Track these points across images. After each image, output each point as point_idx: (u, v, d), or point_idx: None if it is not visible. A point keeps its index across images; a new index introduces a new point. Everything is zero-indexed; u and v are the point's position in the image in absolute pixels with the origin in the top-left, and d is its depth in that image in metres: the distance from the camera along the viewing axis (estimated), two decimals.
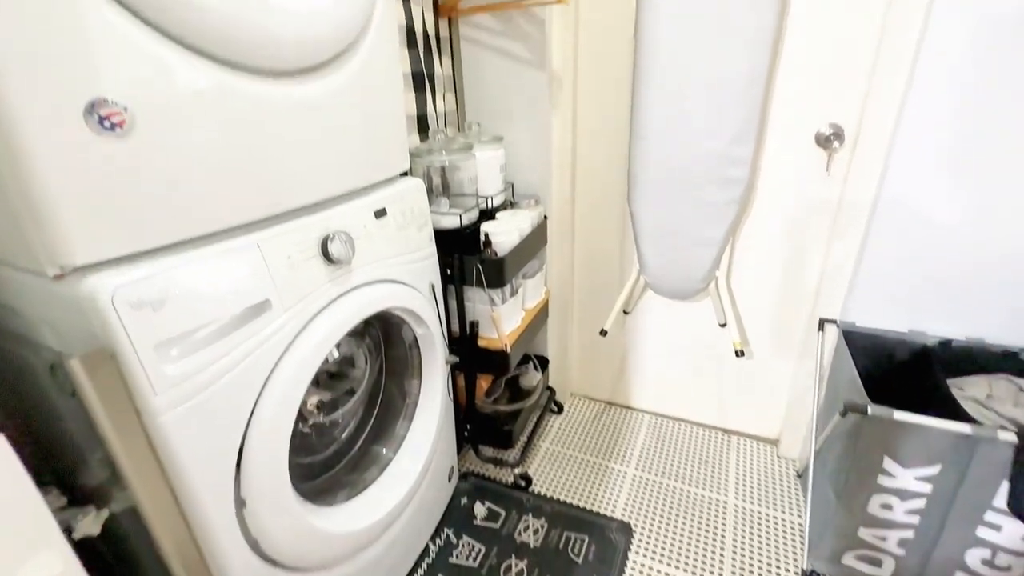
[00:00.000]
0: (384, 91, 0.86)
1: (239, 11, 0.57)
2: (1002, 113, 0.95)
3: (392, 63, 0.87)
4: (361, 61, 0.78)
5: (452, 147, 1.10)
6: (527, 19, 1.24)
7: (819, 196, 1.20)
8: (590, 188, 1.46)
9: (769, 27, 1.01)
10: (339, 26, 0.71)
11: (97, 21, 0.48)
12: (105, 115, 0.49)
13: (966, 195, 1.02)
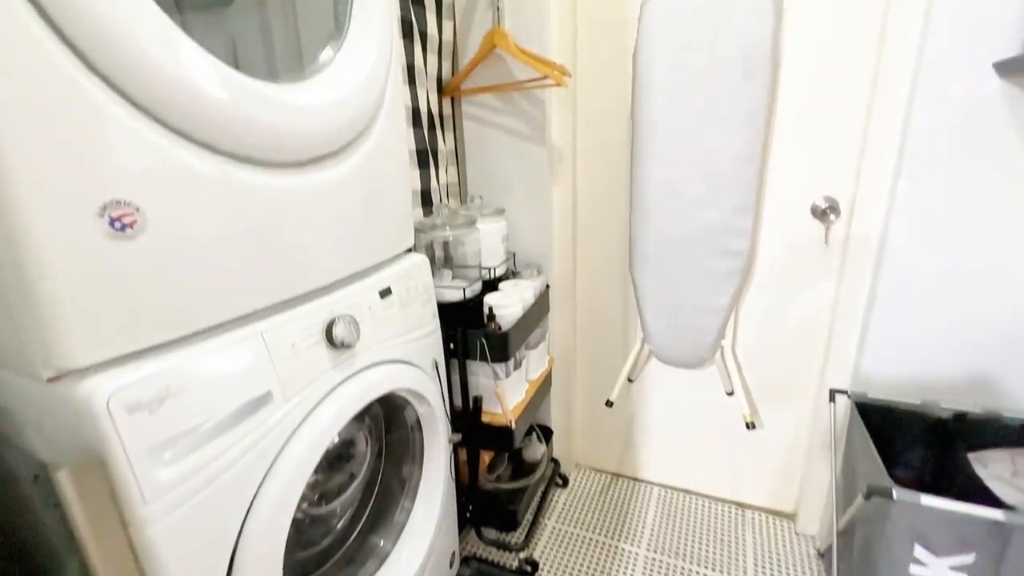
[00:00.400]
0: (392, 174, 0.88)
1: (252, 109, 0.59)
2: (995, 185, 0.98)
3: (400, 147, 0.89)
4: (370, 147, 0.80)
5: (456, 222, 1.11)
6: (527, 99, 1.30)
7: (820, 267, 1.21)
8: (591, 257, 1.47)
9: (761, 105, 1.06)
10: (352, 119, 0.73)
11: (113, 122, 0.48)
12: (117, 216, 0.49)
13: (968, 265, 1.03)
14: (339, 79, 0.71)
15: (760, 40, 1.00)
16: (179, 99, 0.52)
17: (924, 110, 0.98)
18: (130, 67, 0.48)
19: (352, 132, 0.74)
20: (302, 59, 0.82)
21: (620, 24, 1.24)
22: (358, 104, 0.73)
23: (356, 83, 0.72)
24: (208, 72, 0.53)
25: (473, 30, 1.31)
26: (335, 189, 0.74)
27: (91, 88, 0.46)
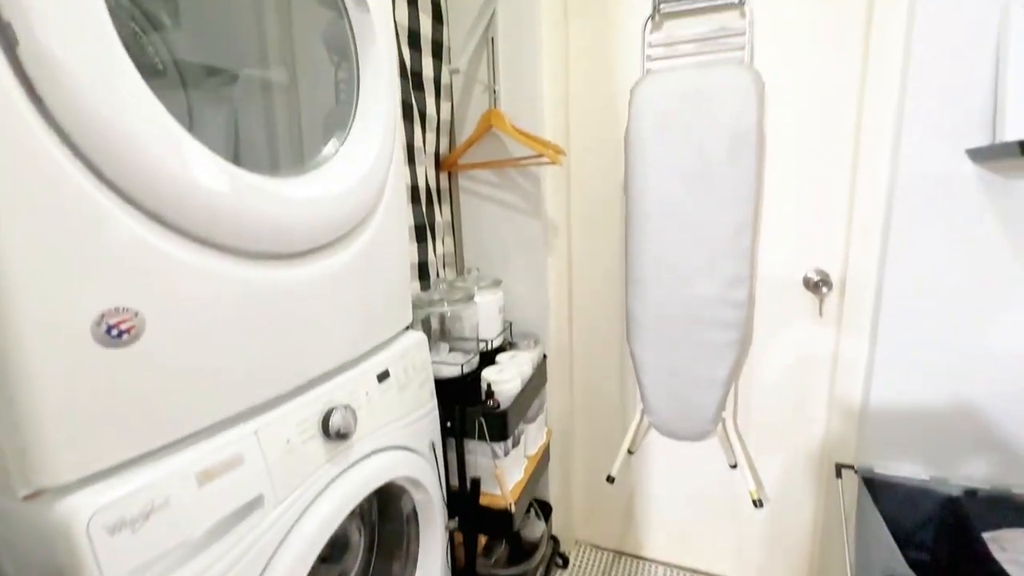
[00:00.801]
0: (391, 256, 0.88)
1: (256, 205, 0.58)
2: (980, 262, 1.01)
3: (400, 231, 0.90)
4: (371, 234, 0.80)
5: (453, 297, 1.11)
6: (522, 174, 1.34)
7: (815, 338, 1.22)
8: (588, 327, 1.47)
9: (749, 187, 1.10)
10: (355, 210, 0.74)
11: (114, 224, 0.47)
12: (115, 323, 0.48)
13: (965, 338, 1.04)
14: (343, 171, 0.72)
15: (746, 129, 1.06)
16: (186, 201, 0.52)
17: (905, 191, 1.02)
18: (134, 169, 0.47)
19: (355, 221, 0.75)
20: (305, 150, 0.84)
21: (611, 103, 1.30)
22: (361, 195, 0.74)
23: (360, 174, 0.73)
24: (213, 172, 0.53)
25: (470, 109, 1.36)
26: (335, 277, 0.73)
27: (96, 194, 0.46)
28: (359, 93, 0.78)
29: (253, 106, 0.90)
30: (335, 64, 0.87)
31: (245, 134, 0.88)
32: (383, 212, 0.82)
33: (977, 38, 0.93)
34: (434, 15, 1.26)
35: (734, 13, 1.14)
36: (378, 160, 0.77)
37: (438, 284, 1.16)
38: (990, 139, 0.95)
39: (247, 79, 0.89)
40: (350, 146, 0.75)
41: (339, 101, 0.86)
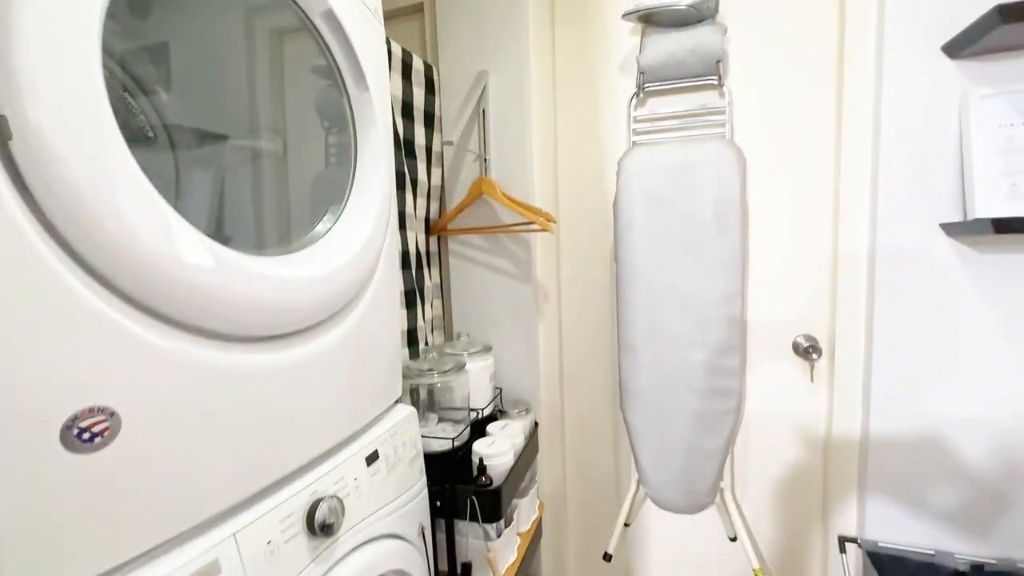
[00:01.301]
0: (384, 331, 0.85)
1: (245, 289, 0.55)
2: (967, 328, 1.03)
3: (392, 305, 0.88)
4: (364, 308, 0.78)
5: (443, 367, 1.08)
6: (512, 239, 1.35)
7: (808, 406, 1.21)
8: (579, 394, 1.44)
9: (736, 255, 1.12)
10: (347, 287, 0.72)
11: (93, 314, 0.43)
12: (87, 427, 0.43)
13: (954, 405, 1.05)
14: (338, 249, 0.71)
15: (730, 201, 1.09)
16: (174, 288, 0.49)
17: (885, 261, 1.06)
18: (120, 256, 0.44)
19: (348, 298, 0.73)
20: (297, 224, 0.83)
21: (599, 171, 1.34)
22: (355, 272, 0.72)
23: (354, 252, 0.72)
24: (204, 256, 0.51)
25: (461, 175, 1.38)
26: (326, 357, 0.70)
27: (80, 285, 0.43)
28: (356, 171, 0.77)
29: (243, 175, 0.90)
30: (326, 129, 0.88)
31: (235, 204, 0.87)
32: (376, 287, 0.80)
33: (941, 120, 1.00)
34: (427, 87, 1.31)
35: (713, 92, 1.20)
36: (373, 237, 0.75)
37: (428, 353, 1.12)
38: (961, 214, 1.00)
39: (237, 146, 0.89)
40: (345, 223, 0.74)
41: (328, 165, 0.86)
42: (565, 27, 1.33)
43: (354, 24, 0.75)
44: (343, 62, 0.75)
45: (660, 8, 1.12)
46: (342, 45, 0.74)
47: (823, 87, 1.14)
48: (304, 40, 0.74)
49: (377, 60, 0.81)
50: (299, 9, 0.70)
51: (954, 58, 0.98)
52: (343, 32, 0.73)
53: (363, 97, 0.78)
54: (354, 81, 0.77)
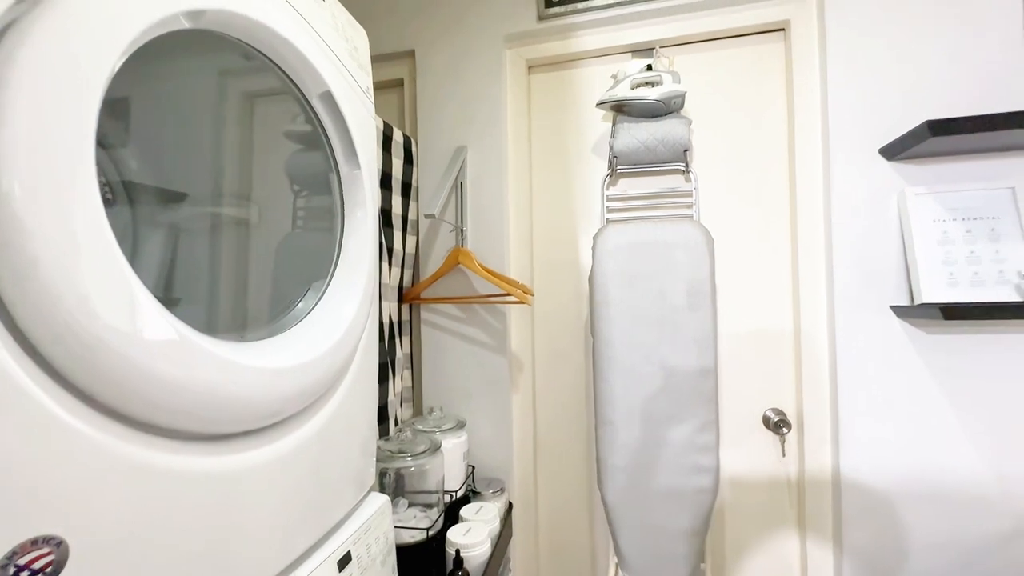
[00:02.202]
0: (360, 419, 0.80)
1: (217, 379, 0.49)
2: (923, 405, 1.09)
3: (371, 386, 0.83)
4: (341, 396, 0.73)
5: (417, 448, 1.02)
6: (487, 309, 1.33)
7: (780, 480, 1.22)
8: (554, 470, 1.39)
9: (708, 331, 1.15)
10: (327, 374, 0.67)
11: (39, 418, 0.37)
12: (26, 563, 0.36)
13: (919, 478, 1.08)
14: (320, 332, 0.67)
15: (701, 279, 1.14)
16: (140, 383, 0.43)
17: (844, 340, 1.12)
18: (73, 338, 0.38)
19: (328, 385, 0.68)
20: (274, 304, 0.78)
21: (574, 245, 1.37)
22: (336, 358, 0.68)
23: (337, 337, 0.67)
24: (174, 346, 0.45)
25: (436, 244, 1.38)
26: (300, 453, 0.64)
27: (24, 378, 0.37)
28: (341, 250, 0.75)
29: (210, 246, 0.85)
30: (295, 192, 0.85)
31: (205, 278, 0.81)
32: (356, 371, 0.76)
33: (884, 214, 1.10)
34: (405, 158, 1.32)
35: (681, 176, 1.28)
36: (357, 320, 0.72)
37: (400, 433, 1.06)
38: (909, 298, 1.08)
39: (208, 213, 0.84)
40: (329, 304, 0.71)
41: (310, 239, 0.83)
42: (541, 108, 1.40)
43: (349, 104, 0.75)
44: (336, 140, 0.75)
45: (632, 100, 1.20)
46: (337, 125, 0.74)
47: (778, 178, 1.24)
48: (288, 104, 0.72)
49: (368, 140, 0.81)
50: (296, 89, 0.69)
51: (890, 160, 1.10)
52: (339, 113, 0.72)
53: (354, 175, 0.77)
54: (345, 159, 0.76)
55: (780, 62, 1.24)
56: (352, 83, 0.79)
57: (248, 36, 0.59)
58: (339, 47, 0.76)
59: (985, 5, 1.05)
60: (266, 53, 0.63)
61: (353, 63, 0.80)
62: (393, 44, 1.43)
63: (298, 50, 0.64)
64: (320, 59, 0.68)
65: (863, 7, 1.11)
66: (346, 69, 0.77)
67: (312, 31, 0.69)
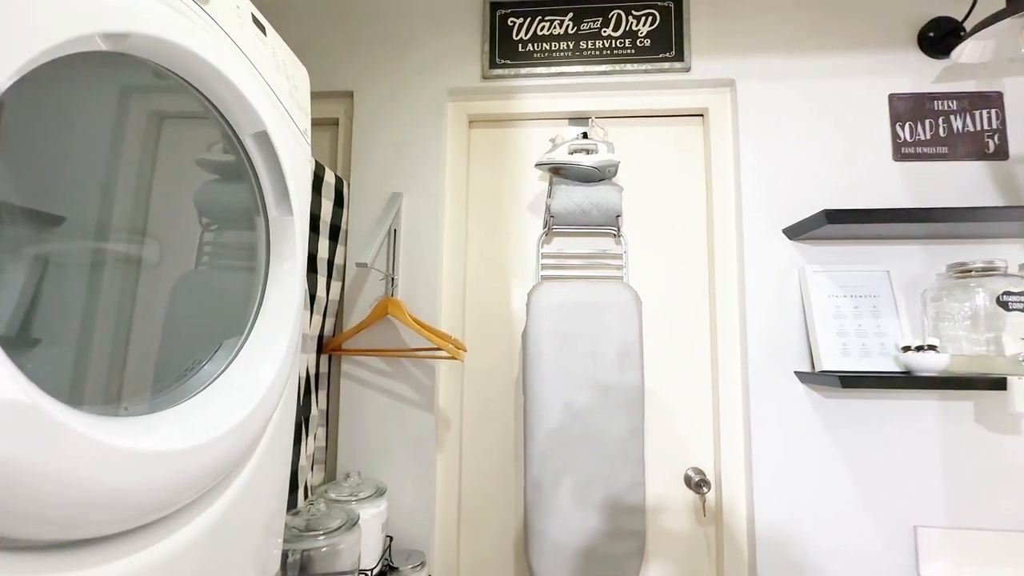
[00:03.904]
0: (268, 500, 0.69)
1: (59, 465, 0.38)
2: (823, 465, 1.17)
3: (284, 460, 0.73)
4: (246, 478, 0.62)
5: (331, 523, 0.90)
6: (415, 363, 1.26)
7: (700, 540, 1.24)
8: (479, 537, 1.30)
9: (637, 392, 1.17)
10: (238, 447, 0.57)
11: None
12: None
13: (826, 535, 1.15)
14: (227, 403, 0.57)
15: (631, 341, 1.17)
16: None
17: (757, 402, 1.19)
18: None
19: (228, 468, 0.58)
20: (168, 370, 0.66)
21: (507, 300, 1.36)
22: (250, 430, 0.59)
23: (249, 407, 0.58)
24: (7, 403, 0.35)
25: (364, 292, 1.30)
26: (185, 554, 0.53)
27: None
28: (263, 303, 0.67)
29: (88, 287, 0.72)
30: (203, 226, 0.76)
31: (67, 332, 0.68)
32: (266, 446, 0.66)
33: (788, 288, 1.21)
34: (336, 200, 1.25)
35: (612, 239, 1.34)
36: (274, 387, 0.63)
37: (311, 506, 0.94)
38: (810, 365, 1.19)
39: (82, 244, 0.72)
40: (241, 369, 0.62)
41: (220, 287, 0.73)
42: (480, 162, 1.41)
43: (286, 146, 0.69)
44: (268, 183, 0.68)
45: (569, 165, 1.25)
46: (270, 166, 0.67)
47: (699, 248, 1.33)
48: (206, 129, 0.64)
49: (303, 186, 0.75)
50: (226, 125, 0.63)
51: (793, 239, 1.23)
52: (274, 154, 0.66)
53: (284, 222, 0.70)
54: (276, 203, 0.70)
55: (701, 144, 1.36)
56: (290, 124, 0.73)
57: (176, 65, 0.53)
58: (279, 85, 0.71)
59: (865, 127, 1.24)
60: (195, 84, 0.56)
61: (292, 103, 0.75)
62: (331, 83, 1.38)
63: (233, 85, 0.58)
64: (258, 96, 0.63)
65: (770, 109, 1.27)
66: (285, 109, 0.72)
67: (251, 66, 0.64)
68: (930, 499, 1.13)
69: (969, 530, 1.11)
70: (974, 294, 1.07)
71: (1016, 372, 1.00)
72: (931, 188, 1.21)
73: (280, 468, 0.72)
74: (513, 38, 1.35)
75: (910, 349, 1.05)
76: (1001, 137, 1.21)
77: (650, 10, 1.32)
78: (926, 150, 1.22)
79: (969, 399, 1.15)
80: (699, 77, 1.30)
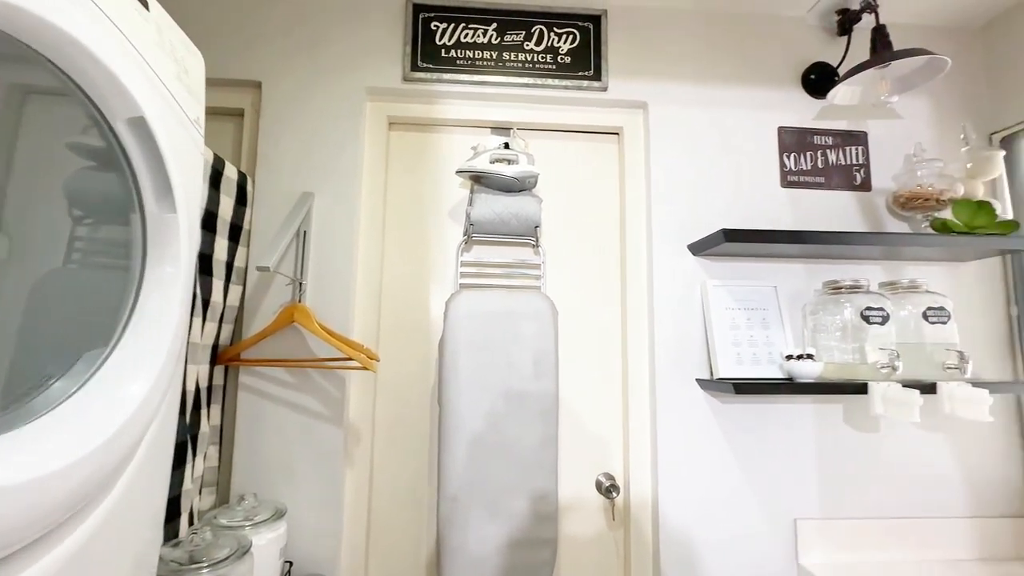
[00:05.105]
0: (137, 530, 0.61)
1: None
2: (720, 466, 1.25)
3: (159, 486, 0.65)
4: (107, 508, 0.54)
5: (217, 555, 0.82)
6: (324, 375, 1.19)
7: (610, 543, 1.28)
8: (389, 556, 1.24)
9: (552, 400, 1.19)
10: (85, 483, 0.49)
11: None
12: None
13: (728, 527, 1.23)
14: (82, 426, 0.50)
15: (547, 350, 1.19)
16: None
17: (663, 408, 1.26)
18: None
19: (82, 501, 0.50)
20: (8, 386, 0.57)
21: (424, 308, 1.32)
22: (103, 461, 0.51)
23: (111, 430, 0.51)
24: None
25: (268, 298, 1.21)
26: None
27: None
28: (135, 309, 0.59)
29: None
30: (74, 219, 0.67)
31: None
32: (136, 471, 0.58)
33: (692, 301, 1.30)
34: (238, 198, 1.15)
35: (531, 250, 1.35)
36: (145, 405, 0.56)
37: (195, 535, 0.84)
38: (709, 373, 1.27)
39: None
40: (102, 386, 0.54)
41: (68, 263, 0.64)
42: (400, 166, 1.37)
43: (170, 136, 0.62)
44: (146, 176, 0.60)
45: (490, 174, 1.25)
46: (149, 157, 0.60)
47: (613, 260, 1.39)
48: (76, 109, 0.56)
49: (192, 180, 0.68)
50: (94, 108, 0.55)
51: (696, 255, 1.31)
52: (154, 143, 0.59)
53: (166, 219, 0.63)
54: (157, 198, 0.62)
55: (616, 161, 1.42)
56: (177, 111, 0.66)
57: (36, 41, 0.45)
58: (164, 67, 0.64)
59: (759, 155, 1.36)
60: (50, 57, 0.49)
61: (181, 88, 0.68)
62: (237, 70, 1.28)
63: (100, 62, 0.51)
64: (134, 77, 0.56)
65: (679, 132, 1.35)
66: (171, 94, 0.65)
67: (127, 42, 0.57)
68: (808, 493, 1.25)
69: (841, 520, 1.24)
70: (843, 309, 1.20)
71: (875, 378, 1.14)
72: (811, 213, 1.35)
73: (154, 495, 0.64)
74: (436, 42, 1.33)
75: (792, 358, 1.16)
76: (866, 171, 1.38)
77: (571, 29, 1.36)
78: (807, 179, 1.36)
79: (839, 402, 1.29)
80: (615, 97, 1.36)
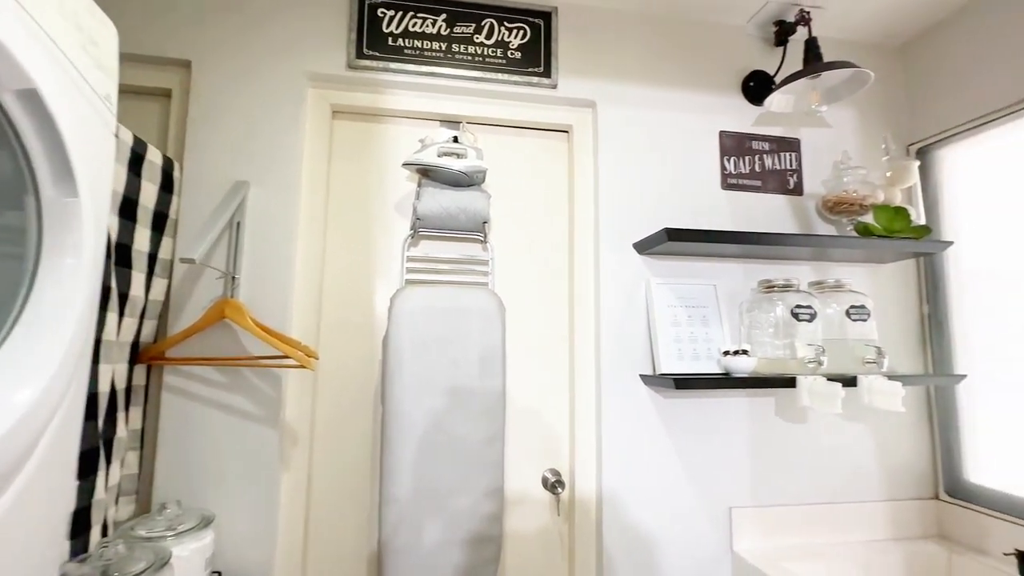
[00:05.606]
0: (32, 550, 0.55)
1: None
2: (662, 460, 1.29)
3: (58, 499, 0.59)
4: None
5: (131, 569, 0.76)
6: (258, 374, 1.13)
7: (554, 538, 1.29)
8: (327, 562, 1.20)
9: (498, 397, 1.18)
10: None
11: None
12: None
13: (668, 517, 1.26)
14: None
15: (493, 347, 1.18)
16: None
17: (607, 403, 1.28)
18: None
19: None
20: None
21: (368, 305, 1.28)
22: None
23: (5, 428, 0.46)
24: None
25: (196, 292, 1.13)
26: None
27: None
28: (24, 309, 0.53)
29: None
30: None
31: None
32: (25, 485, 0.52)
33: (636, 298, 1.32)
34: (163, 184, 1.07)
35: (479, 245, 1.34)
36: (34, 413, 0.50)
37: (107, 548, 0.77)
38: (652, 368, 1.31)
39: None
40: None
41: None
42: (344, 156, 1.32)
43: (70, 112, 0.56)
44: (41, 156, 0.54)
45: (438, 167, 1.22)
46: (44, 136, 0.54)
47: (561, 257, 1.39)
48: None
49: (99, 162, 0.62)
50: None
51: (641, 254, 1.34)
52: (50, 120, 0.53)
53: (65, 204, 0.57)
54: (54, 181, 0.56)
55: (566, 158, 1.43)
56: (81, 85, 0.60)
57: None
58: (63, 35, 0.58)
59: (701, 157, 1.41)
60: None
61: (87, 60, 0.62)
62: (163, 47, 1.18)
63: None
64: (22, 44, 0.50)
65: (626, 132, 1.37)
66: (73, 65, 0.58)
67: (16, 6, 0.51)
68: (742, 483, 1.31)
69: (771, 507, 1.31)
70: (776, 306, 1.26)
71: (803, 372, 1.20)
72: (748, 215, 1.41)
73: (53, 507, 0.58)
74: (383, 30, 1.29)
75: (728, 353, 1.21)
76: (798, 176, 1.46)
77: (521, 24, 1.35)
78: (745, 182, 1.42)
79: (771, 395, 1.36)
80: (565, 95, 1.36)
